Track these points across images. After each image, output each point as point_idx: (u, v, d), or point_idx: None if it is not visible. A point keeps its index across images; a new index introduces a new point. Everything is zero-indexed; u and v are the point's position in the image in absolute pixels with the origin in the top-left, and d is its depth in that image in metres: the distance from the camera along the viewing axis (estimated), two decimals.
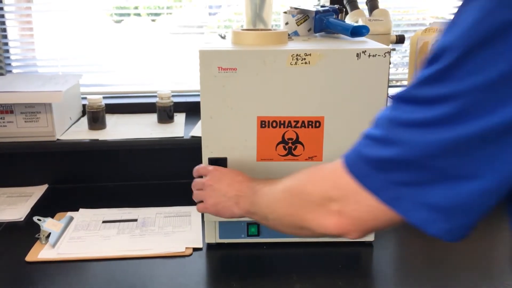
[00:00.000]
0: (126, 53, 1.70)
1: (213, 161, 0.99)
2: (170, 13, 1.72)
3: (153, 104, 1.50)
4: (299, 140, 0.99)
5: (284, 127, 0.98)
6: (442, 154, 0.49)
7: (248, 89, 0.95)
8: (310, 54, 0.93)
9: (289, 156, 1.00)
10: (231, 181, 0.89)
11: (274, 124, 0.98)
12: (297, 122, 0.98)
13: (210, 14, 1.74)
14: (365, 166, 0.56)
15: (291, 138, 0.99)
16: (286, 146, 0.99)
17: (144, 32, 1.72)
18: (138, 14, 1.73)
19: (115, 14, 1.72)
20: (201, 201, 0.93)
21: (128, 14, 1.72)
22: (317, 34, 1.17)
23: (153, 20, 1.74)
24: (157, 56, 1.70)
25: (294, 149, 0.99)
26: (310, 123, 0.98)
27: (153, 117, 1.51)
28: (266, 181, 0.82)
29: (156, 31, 1.72)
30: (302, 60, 0.93)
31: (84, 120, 1.47)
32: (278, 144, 0.99)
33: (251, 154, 0.99)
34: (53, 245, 1.07)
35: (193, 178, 0.96)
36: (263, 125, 0.98)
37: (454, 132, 0.47)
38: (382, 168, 0.54)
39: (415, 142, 0.50)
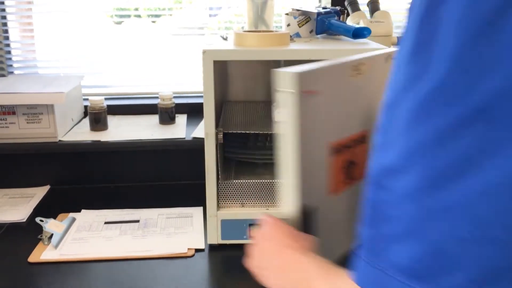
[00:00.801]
0: (127, 54, 1.70)
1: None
2: (171, 15, 1.73)
3: (155, 105, 1.50)
4: (353, 160, 0.77)
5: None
6: None
7: (323, 112, 0.70)
8: (364, 63, 0.75)
9: (348, 180, 0.76)
10: (278, 245, 0.64)
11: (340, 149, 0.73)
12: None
13: (210, 15, 1.74)
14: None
15: (347, 160, 0.76)
16: (346, 170, 0.76)
17: (145, 34, 1.72)
18: (139, 16, 1.73)
19: (116, 15, 1.72)
20: None
21: (129, 16, 1.73)
22: (318, 36, 1.18)
23: (153, 22, 1.75)
24: (158, 57, 1.70)
25: (351, 170, 0.77)
26: (358, 139, 0.77)
27: (155, 118, 1.51)
28: (319, 265, 0.56)
29: (157, 32, 1.72)
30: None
31: (86, 121, 1.47)
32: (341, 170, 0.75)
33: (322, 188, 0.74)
34: (56, 246, 1.07)
35: (194, 178, 0.96)
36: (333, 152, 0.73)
37: None
38: None
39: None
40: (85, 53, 1.67)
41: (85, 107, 1.52)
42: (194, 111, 1.57)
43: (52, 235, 1.10)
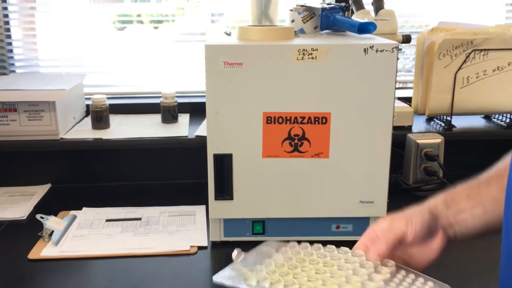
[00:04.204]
0: (128, 62, 1.70)
1: (218, 158, 0.98)
2: (173, 21, 1.72)
3: (157, 104, 1.49)
4: (305, 136, 0.98)
5: (290, 123, 0.97)
6: None
7: (254, 84, 0.94)
8: (317, 49, 0.92)
9: (295, 153, 0.99)
10: None
11: (280, 120, 0.97)
12: (303, 118, 0.97)
13: (212, 21, 1.74)
14: None
15: (297, 134, 0.98)
16: (292, 143, 0.98)
17: (147, 39, 1.71)
18: (141, 22, 1.73)
19: (118, 21, 1.71)
20: None
21: (131, 21, 1.72)
22: (323, 32, 1.17)
23: (155, 28, 1.74)
24: (159, 64, 1.69)
25: (300, 145, 0.98)
26: (316, 119, 0.97)
27: (157, 117, 1.50)
28: None
29: (159, 38, 1.72)
30: (309, 55, 0.93)
31: (88, 120, 1.46)
32: (284, 140, 0.98)
33: (257, 151, 0.98)
34: (56, 243, 1.05)
35: (197, 176, 0.95)
36: (269, 121, 0.97)
37: None
38: None
39: None
40: (87, 52, 1.67)
41: (87, 106, 1.51)
42: (197, 111, 1.56)
43: (52, 232, 1.08)
